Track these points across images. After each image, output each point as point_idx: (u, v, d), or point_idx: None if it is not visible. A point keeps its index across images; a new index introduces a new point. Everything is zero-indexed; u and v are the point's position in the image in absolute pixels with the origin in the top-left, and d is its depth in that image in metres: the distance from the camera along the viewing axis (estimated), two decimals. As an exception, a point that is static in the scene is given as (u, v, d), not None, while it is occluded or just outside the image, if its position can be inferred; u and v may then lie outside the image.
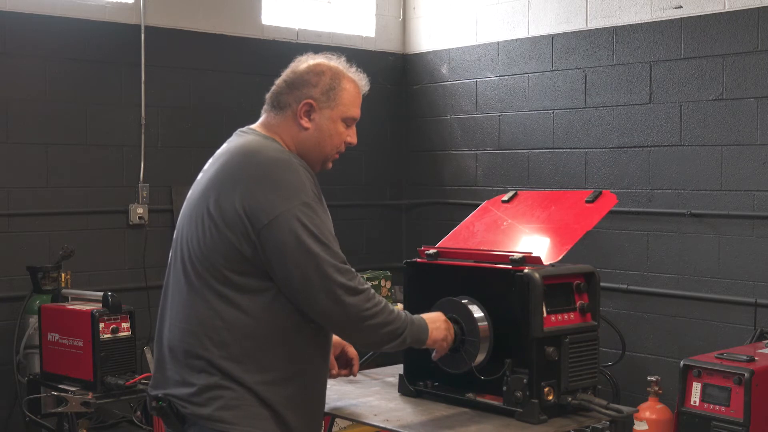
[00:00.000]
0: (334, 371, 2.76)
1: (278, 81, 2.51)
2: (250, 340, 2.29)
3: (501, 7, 5.92)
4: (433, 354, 2.59)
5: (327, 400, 2.72)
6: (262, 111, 2.51)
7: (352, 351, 2.81)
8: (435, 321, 2.53)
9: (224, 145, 2.46)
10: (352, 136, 2.51)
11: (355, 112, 2.50)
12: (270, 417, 2.30)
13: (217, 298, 2.29)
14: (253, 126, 2.50)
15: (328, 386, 2.89)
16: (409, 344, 2.44)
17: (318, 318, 2.31)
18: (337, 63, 2.53)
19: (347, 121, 2.48)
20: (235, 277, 2.27)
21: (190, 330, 2.32)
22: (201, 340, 2.30)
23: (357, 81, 2.52)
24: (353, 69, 2.54)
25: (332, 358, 2.74)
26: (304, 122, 2.43)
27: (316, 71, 2.47)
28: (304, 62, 2.51)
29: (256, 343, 2.29)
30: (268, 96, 2.51)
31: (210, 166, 2.42)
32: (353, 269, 2.33)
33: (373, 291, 2.36)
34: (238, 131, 2.50)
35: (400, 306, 2.86)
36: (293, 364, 2.35)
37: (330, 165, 2.52)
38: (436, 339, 2.50)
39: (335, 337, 2.65)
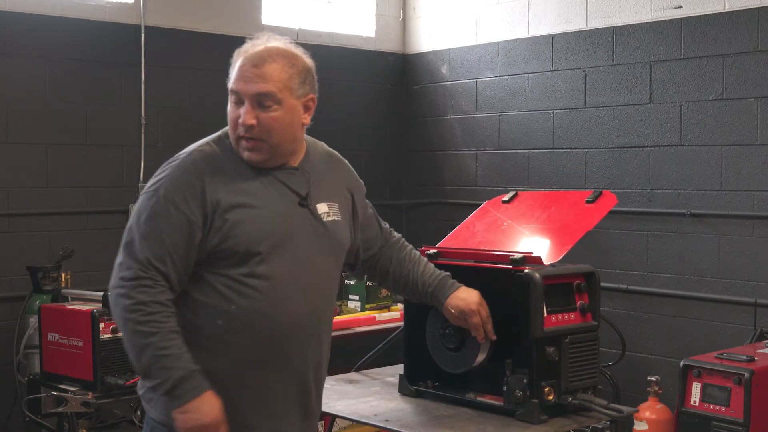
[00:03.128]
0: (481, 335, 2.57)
1: None
2: None
3: (501, 7, 5.92)
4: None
5: (327, 400, 2.72)
6: None
7: (475, 319, 2.55)
8: (207, 404, 2.16)
9: None
10: (242, 116, 2.27)
11: (237, 85, 2.29)
12: None
13: None
14: None
15: (327, 386, 2.89)
16: (160, 386, 2.14)
17: None
18: (251, 43, 2.35)
19: (233, 96, 2.30)
20: None
21: None
22: None
23: (247, 52, 2.31)
24: (263, 39, 2.34)
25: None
26: None
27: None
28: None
29: None
30: None
31: None
32: (144, 275, 2.16)
33: (153, 310, 2.14)
34: None
35: (400, 306, 2.85)
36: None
37: (245, 154, 2.29)
38: (184, 419, 2.15)
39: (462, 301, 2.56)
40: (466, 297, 2.57)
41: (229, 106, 2.31)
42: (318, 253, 2.37)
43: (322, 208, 2.41)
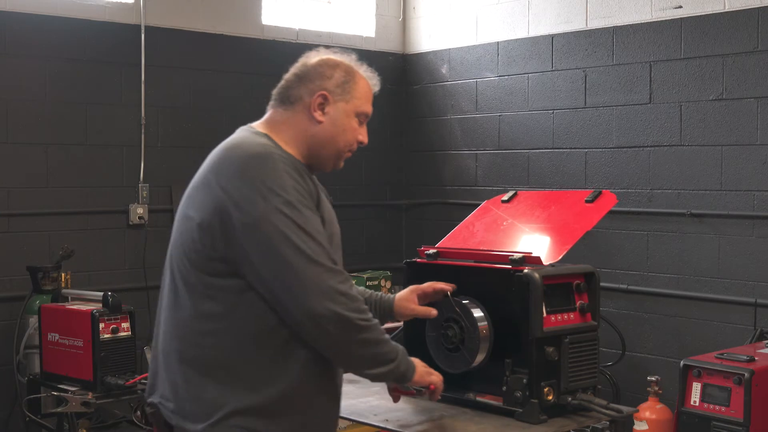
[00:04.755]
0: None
1: (287, 75, 2.38)
2: (223, 348, 2.15)
3: (501, 7, 5.92)
4: (430, 395, 2.44)
5: (327, 400, 2.72)
6: (268, 107, 2.38)
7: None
8: (419, 364, 2.40)
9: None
10: (363, 135, 2.41)
11: (368, 107, 2.42)
12: None
13: (191, 300, 2.18)
14: (254, 123, 2.36)
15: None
16: (398, 374, 2.30)
17: (301, 329, 2.12)
18: (348, 60, 2.44)
19: (360, 117, 2.39)
20: (206, 279, 2.15)
21: (175, 334, 2.22)
22: (184, 344, 2.19)
23: (368, 78, 2.45)
24: (363, 67, 2.45)
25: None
26: (318, 115, 2.31)
27: (330, 64, 2.37)
28: (315, 56, 2.40)
29: (230, 352, 2.14)
30: (275, 91, 2.38)
31: (203, 164, 2.30)
32: (345, 272, 2.18)
33: (364, 303, 2.20)
34: (239, 128, 2.38)
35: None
36: (275, 387, 2.15)
37: (341, 164, 2.40)
38: (422, 376, 2.38)
39: None
40: None
41: (351, 120, 2.37)
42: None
43: None
